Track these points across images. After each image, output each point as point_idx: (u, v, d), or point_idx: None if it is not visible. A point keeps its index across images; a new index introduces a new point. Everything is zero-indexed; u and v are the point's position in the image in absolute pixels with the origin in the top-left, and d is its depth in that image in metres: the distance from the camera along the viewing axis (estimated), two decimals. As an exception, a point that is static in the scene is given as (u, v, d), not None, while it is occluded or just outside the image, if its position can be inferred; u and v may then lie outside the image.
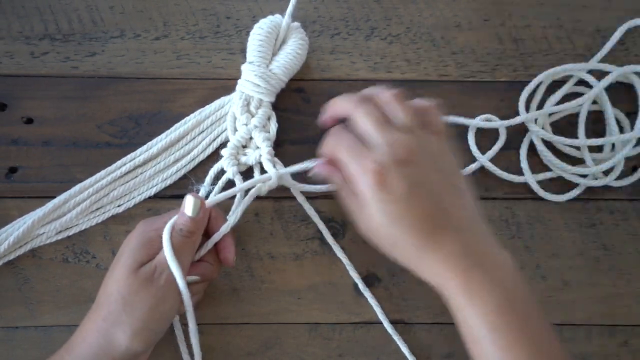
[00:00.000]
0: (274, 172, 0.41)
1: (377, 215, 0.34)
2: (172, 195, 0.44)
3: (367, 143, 0.35)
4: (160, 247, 0.37)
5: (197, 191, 0.43)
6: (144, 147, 0.44)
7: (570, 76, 0.46)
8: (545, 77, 0.46)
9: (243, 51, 0.46)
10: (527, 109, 0.46)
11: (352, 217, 0.37)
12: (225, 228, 0.40)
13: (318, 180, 0.42)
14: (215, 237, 0.40)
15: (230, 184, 0.43)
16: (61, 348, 0.36)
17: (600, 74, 0.46)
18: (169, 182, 0.44)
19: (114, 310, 0.35)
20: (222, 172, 0.44)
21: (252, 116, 0.44)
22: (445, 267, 0.34)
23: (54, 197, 0.43)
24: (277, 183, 0.42)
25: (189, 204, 0.38)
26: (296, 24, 0.45)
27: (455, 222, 0.34)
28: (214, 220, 0.40)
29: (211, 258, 0.40)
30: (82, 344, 0.35)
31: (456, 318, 0.35)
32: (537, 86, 0.47)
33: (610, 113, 0.46)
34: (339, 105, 0.38)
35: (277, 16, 0.45)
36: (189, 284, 0.38)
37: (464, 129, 0.46)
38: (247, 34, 0.45)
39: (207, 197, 0.43)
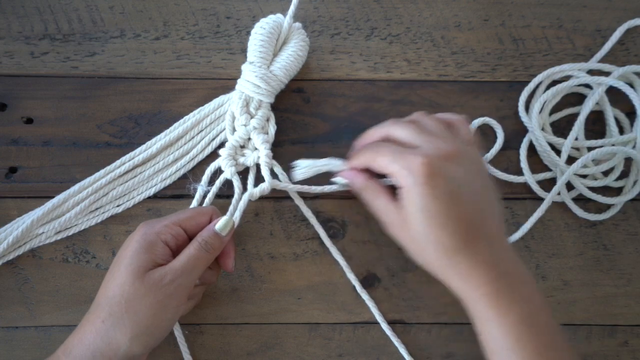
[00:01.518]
0: (269, 180, 0.42)
1: (415, 213, 0.34)
2: (172, 195, 0.44)
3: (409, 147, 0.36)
4: (162, 252, 0.37)
5: (194, 190, 0.43)
6: (143, 146, 0.44)
7: (570, 76, 0.47)
8: (545, 77, 0.46)
9: (243, 51, 0.46)
10: (527, 109, 0.46)
11: (379, 218, 0.37)
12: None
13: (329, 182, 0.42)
14: None
15: (226, 183, 0.43)
16: (58, 349, 0.36)
17: (600, 74, 0.46)
18: (168, 182, 0.44)
19: (115, 313, 0.35)
20: (218, 171, 0.44)
21: (252, 117, 0.44)
22: (476, 275, 0.34)
23: (53, 197, 0.43)
24: (270, 189, 0.42)
25: (222, 222, 0.38)
26: (297, 24, 0.45)
27: (488, 230, 0.35)
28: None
29: (212, 263, 0.40)
30: (80, 345, 0.35)
31: (479, 327, 0.35)
32: (537, 86, 0.47)
33: (610, 113, 0.46)
34: (371, 133, 0.38)
35: (279, 16, 0.45)
36: None
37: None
38: (247, 34, 0.45)
39: (204, 196, 0.43)
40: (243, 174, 0.44)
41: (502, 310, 0.33)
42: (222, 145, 0.44)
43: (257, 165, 0.44)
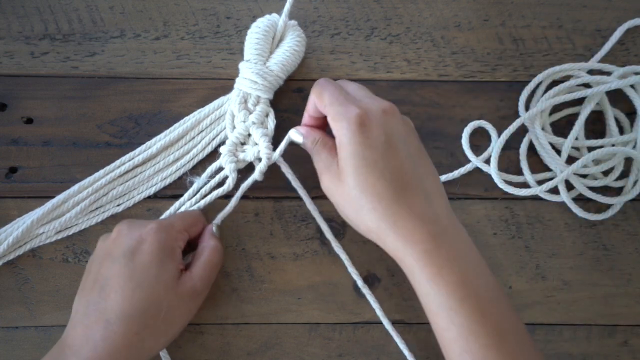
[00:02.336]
0: (231, 179, 0.42)
1: (351, 160, 0.34)
2: (172, 195, 0.44)
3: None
4: (180, 258, 0.38)
5: (191, 183, 0.43)
6: (143, 146, 0.44)
7: (570, 76, 0.47)
8: (545, 77, 0.46)
9: (243, 51, 0.46)
10: (527, 108, 0.46)
11: (319, 173, 0.37)
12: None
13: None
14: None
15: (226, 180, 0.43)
16: None
17: (600, 74, 0.46)
18: (168, 181, 0.44)
19: (150, 325, 0.35)
20: (220, 169, 0.44)
21: (250, 113, 0.44)
22: (413, 228, 0.33)
23: (53, 197, 0.43)
24: (267, 164, 0.42)
25: (216, 227, 0.41)
26: (293, 22, 0.45)
27: (426, 185, 0.34)
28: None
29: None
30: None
31: (418, 288, 0.34)
32: (537, 86, 0.47)
33: (610, 113, 0.46)
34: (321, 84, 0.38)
35: (274, 15, 0.45)
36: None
37: (460, 130, 0.46)
38: (247, 34, 0.45)
39: (198, 190, 0.44)
40: (243, 173, 0.44)
41: (444, 269, 0.32)
42: (222, 144, 0.44)
43: (259, 161, 0.43)
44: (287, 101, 0.46)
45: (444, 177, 0.45)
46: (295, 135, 0.40)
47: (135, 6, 0.47)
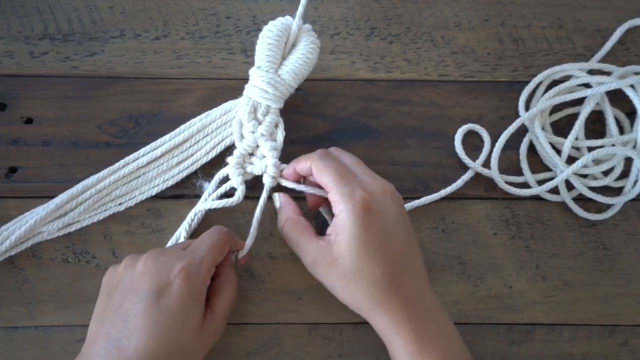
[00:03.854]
0: (240, 191, 0.42)
1: (352, 244, 0.35)
2: (171, 195, 0.44)
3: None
4: (205, 295, 0.37)
5: (201, 187, 0.43)
6: (148, 147, 0.44)
7: (570, 76, 0.47)
8: (545, 77, 0.46)
9: (243, 51, 0.46)
10: (527, 109, 0.46)
11: (303, 256, 0.38)
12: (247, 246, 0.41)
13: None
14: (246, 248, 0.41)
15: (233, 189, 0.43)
16: None
17: (600, 74, 0.46)
18: (170, 182, 0.44)
19: None
20: (227, 177, 0.43)
21: (259, 123, 0.42)
22: (403, 309, 0.35)
23: (53, 197, 0.42)
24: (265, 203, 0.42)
25: (234, 258, 0.41)
26: (307, 26, 0.43)
27: (414, 265, 0.36)
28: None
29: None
30: None
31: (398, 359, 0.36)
32: (537, 86, 0.47)
33: (610, 113, 0.46)
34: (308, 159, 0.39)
35: (288, 18, 0.42)
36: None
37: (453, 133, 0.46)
38: (247, 34, 0.45)
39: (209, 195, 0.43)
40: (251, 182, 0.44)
41: (425, 349, 0.34)
42: (227, 149, 0.44)
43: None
44: (287, 101, 0.46)
45: (448, 189, 0.45)
46: (276, 199, 0.41)
47: (135, 6, 0.47)
